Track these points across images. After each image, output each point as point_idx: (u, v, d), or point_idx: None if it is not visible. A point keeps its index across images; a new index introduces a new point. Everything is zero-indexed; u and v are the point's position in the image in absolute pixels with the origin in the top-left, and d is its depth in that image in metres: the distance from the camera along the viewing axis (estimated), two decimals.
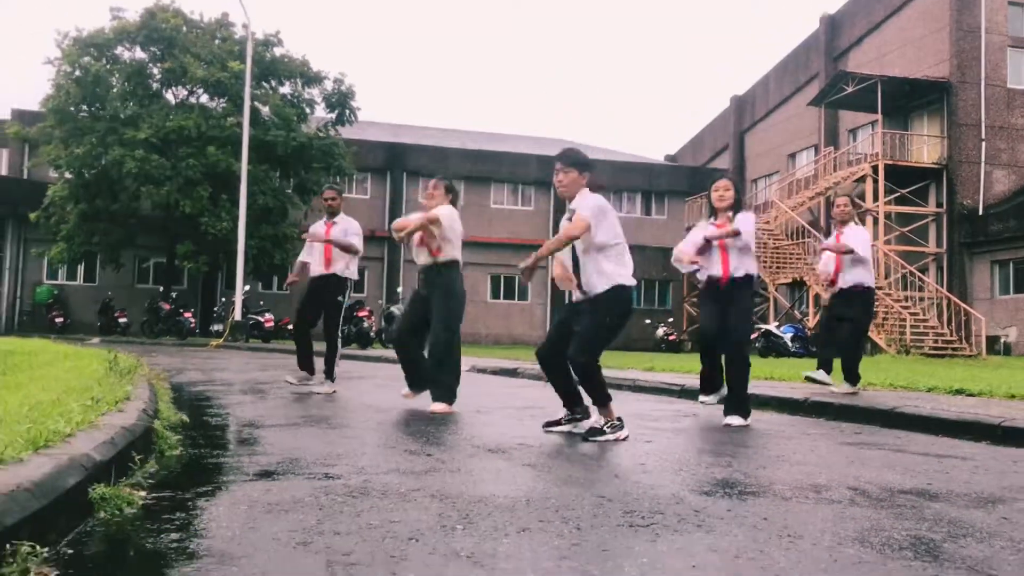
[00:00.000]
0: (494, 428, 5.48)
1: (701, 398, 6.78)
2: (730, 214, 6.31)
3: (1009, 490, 3.61)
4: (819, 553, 2.42)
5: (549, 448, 4.61)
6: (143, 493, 3.07)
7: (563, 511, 2.91)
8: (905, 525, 2.81)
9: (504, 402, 7.49)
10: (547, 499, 3.14)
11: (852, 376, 8.17)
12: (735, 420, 5.95)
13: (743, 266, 6.26)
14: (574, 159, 5.35)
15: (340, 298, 8.17)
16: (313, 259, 8.21)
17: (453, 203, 6.88)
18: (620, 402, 5.86)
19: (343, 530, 2.56)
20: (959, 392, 8.13)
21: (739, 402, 6.05)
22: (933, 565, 2.32)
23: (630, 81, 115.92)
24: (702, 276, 6.46)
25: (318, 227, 8.28)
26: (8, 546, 1.99)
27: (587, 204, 5.17)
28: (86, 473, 2.73)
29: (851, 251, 8.28)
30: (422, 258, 6.72)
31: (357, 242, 8.14)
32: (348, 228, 8.14)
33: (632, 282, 5.34)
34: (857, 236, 8.56)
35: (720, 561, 2.32)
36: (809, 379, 8.49)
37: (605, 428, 4.97)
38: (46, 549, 2.19)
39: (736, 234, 6.14)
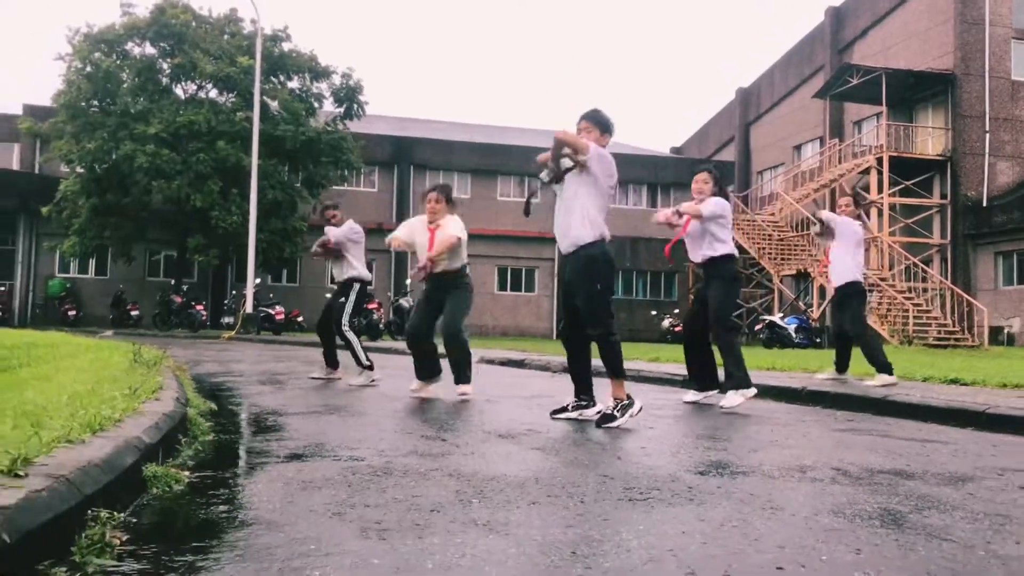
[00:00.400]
0: (504, 415, 5.78)
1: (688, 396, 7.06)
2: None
3: (981, 470, 3.90)
4: (796, 522, 2.72)
5: (556, 434, 4.91)
6: (187, 473, 3.38)
7: (569, 488, 3.21)
8: (878, 500, 3.11)
9: (512, 392, 7.80)
10: (554, 477, 3.44)
11: (878, 365, 8.34)
12: (729, 401, 6.36)
13: (712, 249, 6.66)
14: (596, 118, 5.56)
15: (343, 299, 8.71)
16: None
17: (452, 210, 7.26)
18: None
19: (372, 503, 2.87)
20: (953, 382, 8.39)
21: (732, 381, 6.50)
22: (895, 531, 2.62)
23: (636, 75, 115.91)
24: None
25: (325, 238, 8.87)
26: (90, 511, 2.30)
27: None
28: (140, 454, 3.04)
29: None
30: (438, 267, 7.08)
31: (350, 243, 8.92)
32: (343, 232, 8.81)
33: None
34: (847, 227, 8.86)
35: (707, 528, 2.62)
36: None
37: (615, 412, 5.24)
38: (121, 515, 2.51)
39: (699, 216, 6.57)
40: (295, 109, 27.22)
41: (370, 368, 8.43)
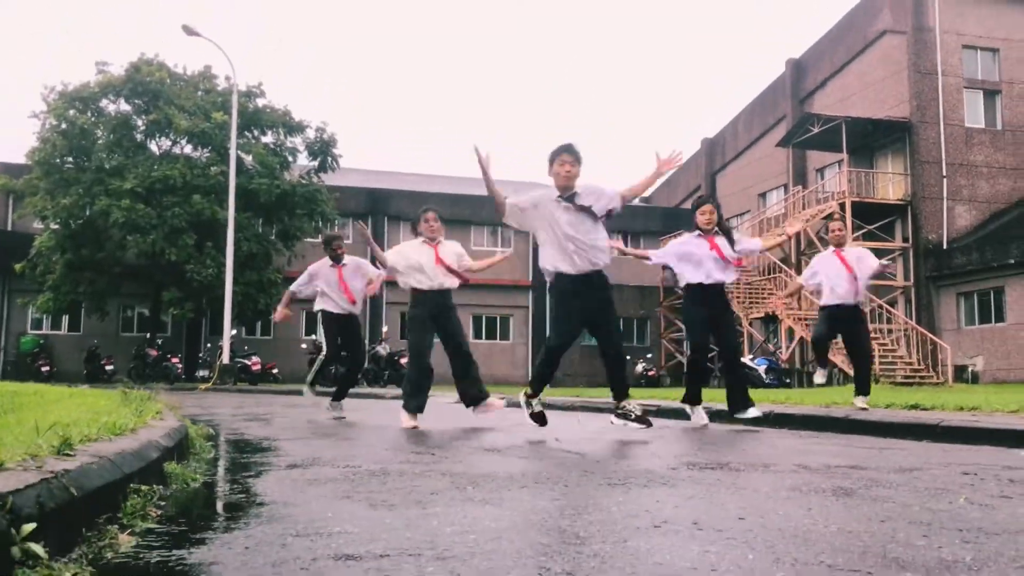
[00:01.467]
0: (489, 438, 6.06)
1: (697, 415, 7.44)
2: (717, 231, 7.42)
3: (928, 464, 4.26)
4: (757, 496, 3.05)
5: (539, 449, 5.21)
6: (199, 476, 3.65)
7: (554, 478, 3.52)
8: (832, 482, 3.45)
9: (492, 424, 8.07)
10: (540, 472, 3.75)
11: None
12: (751, 412, 6.81)
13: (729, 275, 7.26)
14: (578, 154, 6.17)
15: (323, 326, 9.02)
16: (331, 300, 8.78)
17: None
18: (601, 420, 6.51)
19: (375, 490, 3.16)
20: (914, 407, 8.77)
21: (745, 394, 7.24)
22: (844, 499, 2.96)
23: (603, 125, 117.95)
24: (682, 281, 7.34)
25: (327, 271, 8.85)
26: (131, 485, 2.58)
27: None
28: (161, 451, 3.32)
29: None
30: (448, 282, 7.44)
31: (373, 270, 8.90)
32: (361, 265, 8.89)
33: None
34: (863, 254, 9.28)
35: (678, 500, 2.93)
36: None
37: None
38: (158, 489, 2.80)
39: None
40: (270, 163, 27.60)
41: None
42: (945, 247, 27.81)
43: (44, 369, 28.05)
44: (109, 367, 27.18)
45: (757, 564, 1.91)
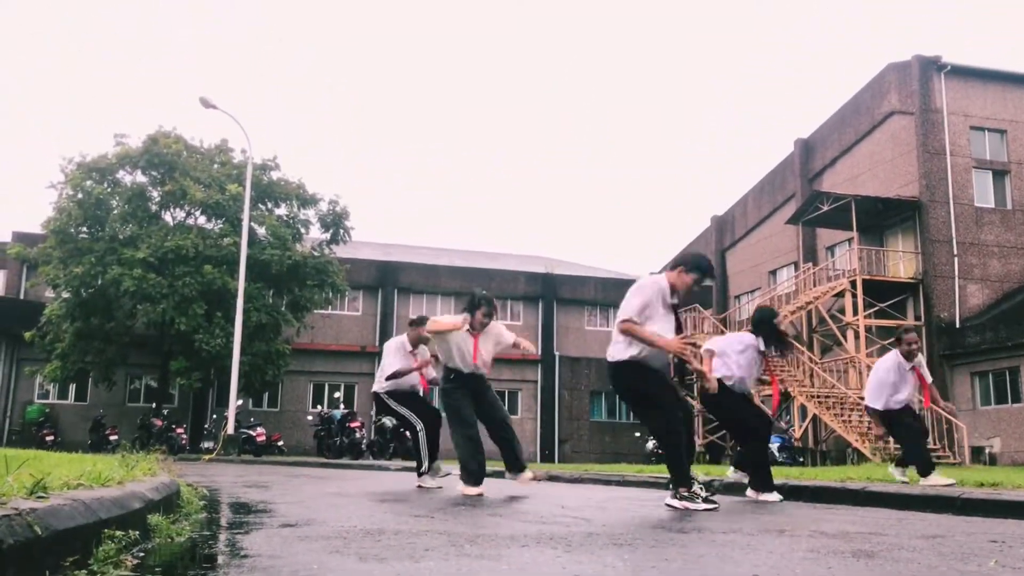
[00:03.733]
0: (490, 504, 5.86)
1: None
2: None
3: (951, 532, 4.05)
4: (772, 556, 2.87)
5: (544, 514, 5.01)
6: (186, 531, 3.48)
7: (556, 538, 3.35)
8: (852, 545, 3.26)
9: (497, 493, 7.85)
10: (542, 532, 3.57)
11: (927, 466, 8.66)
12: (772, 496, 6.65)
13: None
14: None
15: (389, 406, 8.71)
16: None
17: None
18: (610, 492, 6.30)
19: (367, 547, 2.99)
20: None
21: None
22: (866, 560, 2.77)
23: (614, 201, 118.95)
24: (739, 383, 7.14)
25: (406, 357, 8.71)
26: (105, 531, 2.43)
27: None
28: (145, 503, 3.17)
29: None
30: (483, 367, 7.61)
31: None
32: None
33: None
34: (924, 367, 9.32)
35: (688, 557, 2.76)
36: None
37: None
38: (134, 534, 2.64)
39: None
40: (282, 234, 27.74)
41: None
42: (958, 326, 27.55)
43: (49, 439, 27.80)
44: (113, 437, 26.89)
45: None
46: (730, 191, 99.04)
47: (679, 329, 5.87)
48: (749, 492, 6.99)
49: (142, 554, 2.71)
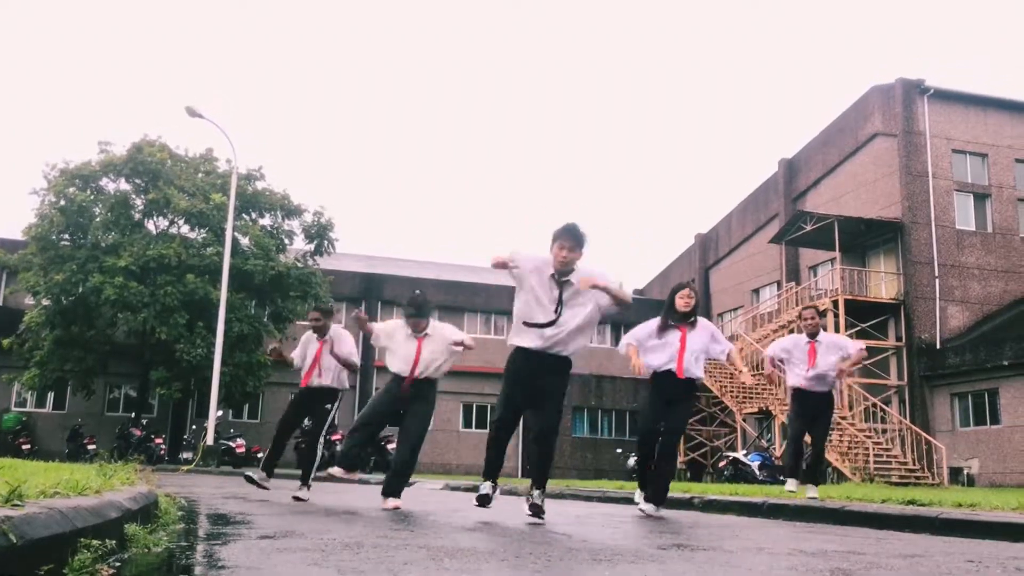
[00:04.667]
0: (468, 518, 5.84)
1: (643, 504, 6.97)
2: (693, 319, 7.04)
3: (928, 552, 4.07)
4: (752, 573, 2.87)
5: (522, 528, 5.00)
6: (164, 541, 3.45)
7: (535, 555, 3.34)
8: (830, 563, 3.27)
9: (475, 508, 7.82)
10: (522, 548, 3.56)
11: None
12: (651, 508, 6.50)
13: (699, 368, 6.92)
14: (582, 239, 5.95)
15: (329, 406, 8.52)
16: (304, 368, 8.58)
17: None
18: (591, 508, 6.29)
19: (347, 559, 2.97)
20: (911, 502, 8.54)
21: (664, 491, 6.76)
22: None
23: (598, 217, 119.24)
24: (647, 367, 7.06)
25: (310, 344, 8.61)
26: (81, 539, 2.41)
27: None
28: (122, 512, 3.14)
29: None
30: (436, 371, 7.39)
31: (354, 359, 8.56)
32: (343, 342, 8.56)
33: None
34: (839, 338, 9.19)
35: (666, 573, 2.76)
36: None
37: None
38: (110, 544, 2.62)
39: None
40: (266, 245, 27.63)
41: (268, 478, 8.55)
42: (938, 347, 27.74)
43: (25, 447, 27.51)
44: (91, 446, 26.62)
45: None
46: (714, 210, 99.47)
47: (559, 303, 5.84)
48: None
49: (118, 564, 2.68)
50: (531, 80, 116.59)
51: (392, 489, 7.15)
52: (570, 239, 5.79)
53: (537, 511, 5.50)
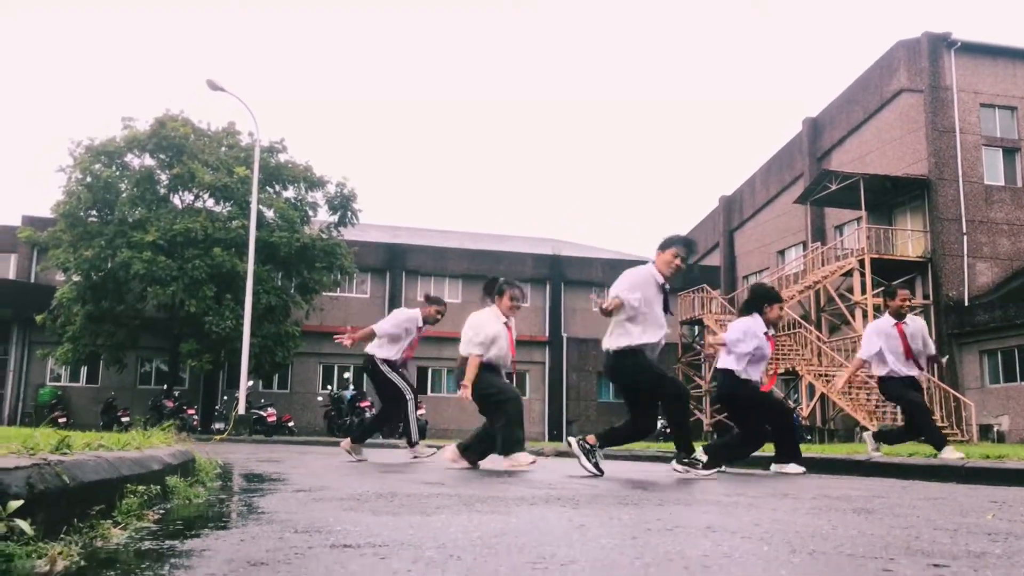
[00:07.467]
0: (500, 475, 5.95)
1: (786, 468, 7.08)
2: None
3: (953, 495, 4.11)
4: (775, 512, 2.94)
5: (553, 480, 5.09)
6: (204, 494, 3.57)
7: (564, 499, 3.42)
8: (852, 505, 3.33)
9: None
10: (550, 495, 3.65)
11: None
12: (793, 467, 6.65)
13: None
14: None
15: (384, 371, 8.59)
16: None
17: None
18: (618, 465, 6.39)
19: (381, 506, 3.07)
20: (936, 456, 8.56)
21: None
22: (864, 515, 2.84)
23: (623, 182, 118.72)
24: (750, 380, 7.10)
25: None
26: (128, 486, 2.51)
27: None
28: (163, 466, 3.25)
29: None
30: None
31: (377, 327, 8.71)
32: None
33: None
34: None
35: (691, 514, 2.83)
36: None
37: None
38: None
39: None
40: (290, 217, 27.81)
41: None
42: (967, 304, 27.51)
43: (61, 421, 28.02)
44: (125, 419, 27.09)
45: (772, 553, 1.82)
46: (738, 171, 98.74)
47: (666, 308, 6.11)
48: (773, 467, 6.97)
49: (162, 511, 2.79)
50: (557, 44, 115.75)
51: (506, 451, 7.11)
52: (686, 250, 6.30)
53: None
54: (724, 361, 7.04)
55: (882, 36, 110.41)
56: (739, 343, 6.93)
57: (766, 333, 7.12)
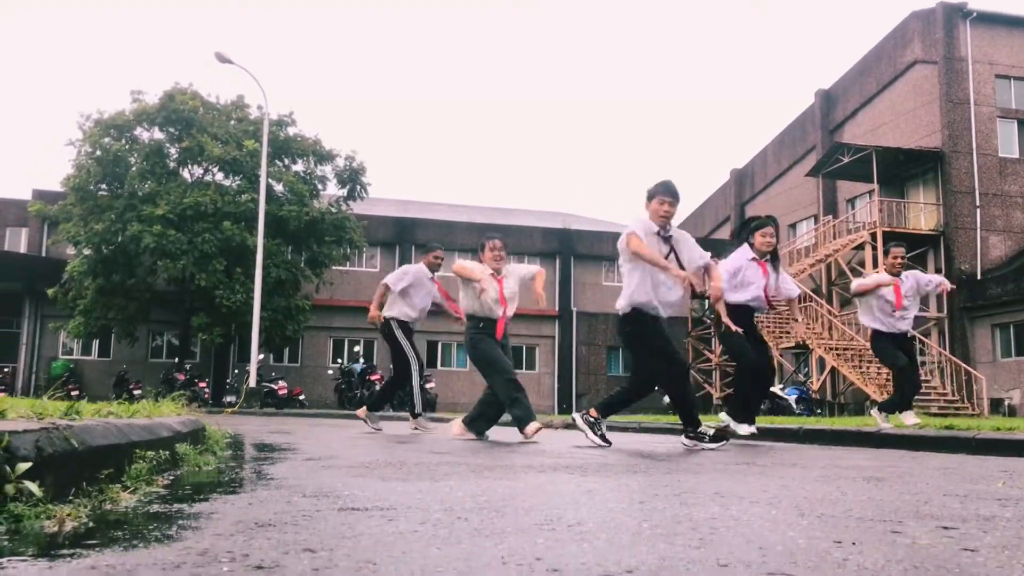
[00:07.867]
0: (508, 445, 5.96)
1: (743, 428, 7.15)
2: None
3: (962, 465, 4.10)
4: (784, 480, 2.93)
5: (562, 450, 5.10)
6: (213, 462, 3.58)
7: (572, 467, 3.43)
8: (863, 474, 3.32)
9: (511, 437, 7.97)
10: (559, 463, 3.65)
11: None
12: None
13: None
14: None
15: (397, 335, 8.58)
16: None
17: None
18: (627, 437, 6.39)
19: (389, 473, 3.08)
20: (948, 428, 8.55)
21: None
22: (874, 483, 2.83)
23: (633, 155, 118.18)
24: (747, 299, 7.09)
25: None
26: (136, 451, 2.52)
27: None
28: (172, 434, 3.26)
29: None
30: (511, 310, 7.41)
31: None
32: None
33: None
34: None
35: (699, 480, 2.83)
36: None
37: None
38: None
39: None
40: (299, 190, 27.78)
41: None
42: (979, 278, 27.37)
43: (74, 394, 28.17)
44: (137, 391, 27.25)
45: (781, 516, 1.81)
46: (750, 144, 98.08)
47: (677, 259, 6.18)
48: (722, 415, 7.17)
49: (172, 477, 2.80)
50: (567, 18, 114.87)
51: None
52: (670, 194, 6.19)
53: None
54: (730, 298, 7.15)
55: (896, 6, 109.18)
56: (730, 280, 7.06)
57: (754, 259, 7.14)
